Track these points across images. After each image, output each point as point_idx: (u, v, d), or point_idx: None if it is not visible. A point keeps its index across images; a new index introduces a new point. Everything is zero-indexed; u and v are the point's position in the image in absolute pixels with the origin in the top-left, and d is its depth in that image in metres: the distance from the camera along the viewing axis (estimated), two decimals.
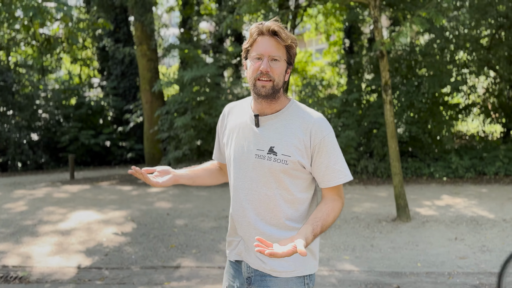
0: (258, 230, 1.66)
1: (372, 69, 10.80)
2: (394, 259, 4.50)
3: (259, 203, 1.66)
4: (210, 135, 9.68)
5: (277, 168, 1.61)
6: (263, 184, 1.64)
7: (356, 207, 6.63)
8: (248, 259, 1.72)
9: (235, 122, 1.78)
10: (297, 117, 1.65)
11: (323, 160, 1.61)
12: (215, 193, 8.06)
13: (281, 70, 1.62)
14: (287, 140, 1.62)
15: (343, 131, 8.78)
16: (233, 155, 1.73)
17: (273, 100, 1.65)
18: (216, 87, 9.75)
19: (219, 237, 5.32)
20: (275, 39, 1.61)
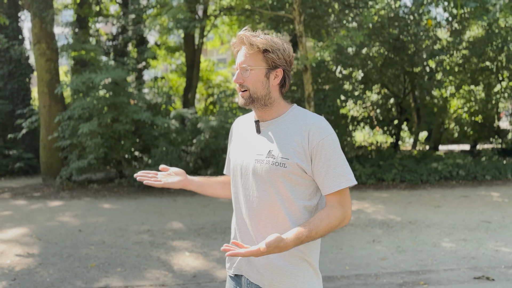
0: (260, 241, 1.58)
1: None
2: (323, 263, 4.65)
3: (259, 210, 1.59)
4: (119, 144, 9.11)
5: (276, 171, 1.56)
6: (263, 190, 1.58)
7: None
8: (249, 273, 1.63)
9: (240, 133, 1.75)
10: (297, 121, 1.62)
11: (323, 164, 1.56)
12: (129, 206, 7.58)
13: (255, 77, 1.59)
14: (285, 143, 1.58)
15: None
16: (235, 163, 1.69)
17: (264, 107, 1.63)
18: (126, 93, 9.24)
19: (144, 253, 5.00)
20: (245, 47, 1.61)
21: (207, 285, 4.12)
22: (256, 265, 1.60)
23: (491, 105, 13.91)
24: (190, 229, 5.95)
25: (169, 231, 5.90)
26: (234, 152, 1.74)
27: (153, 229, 5.99)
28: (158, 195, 8.43)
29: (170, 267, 4.57)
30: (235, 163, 1.70)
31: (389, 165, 9.87)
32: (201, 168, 9.15)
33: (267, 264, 1.58)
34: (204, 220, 6.46)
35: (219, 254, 4.94)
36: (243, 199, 1.64)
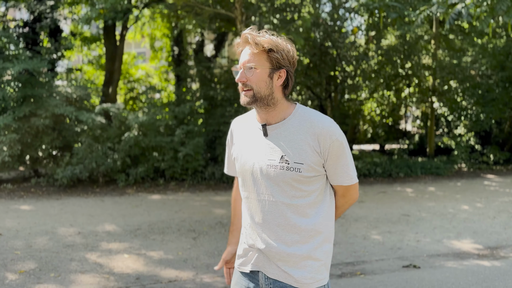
0: (281, 240, 1.63)
1: (200, 80, 11.31)
2: None
3: (279, 212, 1.62)
4: (36, 139, 8.41)
5: (291, 176, 1.59)
6: (277, 193, 1.61)
7: (216, 213, 6.75)
8: (268, 269, 1.65)
9: (243, 135, 1.75)
10: (304, 123, 1.64)
11: (332, 163, 1.63)
12: (51, 207, 7.04)
13: (259, 77, 1.61)
14: (297, 147, 1.61)
15: (192, 138, 8.82)
16: (245, 167, 1.69)
17: (267, 107, 1.64)
18: (44, 84, 8.54)
19: (78, 257, 4.70)
20: (249, 47, 1.63)
21: (152, 287, 4.01)
22: (275, 262, 1.64)
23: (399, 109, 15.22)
24: (125, 230, 5.71)
25: (102, 232, 5.60)
26: (242, 155, 1.72)
27: (84, 231, 5.65)
28: (83, 195, 7.93)
29: (110, 270, 4.36)
30: (245, 167, 1.70)
31: None
32: (130, 167, 8.80)
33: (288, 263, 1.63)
34: (139, 220, 6.23)
35: (160, 255, 4.81)
36: (256, 203, 1.66)
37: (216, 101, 10.55)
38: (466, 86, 12.52)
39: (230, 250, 1.93)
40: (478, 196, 8.30)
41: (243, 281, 1.74)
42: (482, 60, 12.29)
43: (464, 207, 7.31)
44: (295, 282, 1.63)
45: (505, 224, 6.22)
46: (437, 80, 12.71)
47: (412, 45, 12.10)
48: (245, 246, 1.73)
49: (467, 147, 12.78)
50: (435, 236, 5.64)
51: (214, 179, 9.16)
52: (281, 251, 1.62)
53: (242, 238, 1.76)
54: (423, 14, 6.11)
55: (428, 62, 12.83)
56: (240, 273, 1.76)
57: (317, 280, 1.64)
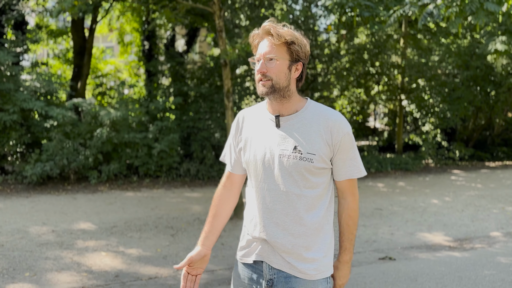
0: (288, 231, 1.65)
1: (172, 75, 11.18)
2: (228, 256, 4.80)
3: (288, 202, 1.65)
4: (3, 135, 8.09)
5: (303, 166, 1.63)
6: (289, 183, 1.64)
7: (193, 209, 6.71)
8: (272, 259, 1.68)
9: (252, 127, 1.75)
10: (317, 116, 1.68)
11: (342, 156, 1.68)
12: (21, 205, 6.80)
13: (279, 68, 1.65)
14: (310, 139, 1.65)
15: (166, 134, 8.72)
16: (256, 157, 1.69)
17: (282, 98, 1.67)
18: (10, 78, 8.22)
19: (53, 255, 4.58)
20: (269, 39, 1.65)
21: (133, 284, 3.96)
22: (280, 253, 1.66)
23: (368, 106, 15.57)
24: (100, 228, 5.60)
25: (77, 230, 5.48)
26: (252, 145, 1.73)
27: (57, 229, 5.50)
28: (54, 193, 7.71)
29: (88, 268, 4.28)
30: (256, 157, 1.70)
31: None
32: (102, 164, 8.61)
33: (292, 255, 1.66)
34: (114, 218, 6.13)
35: (139, 252, 4.76)
36: (267, 193, 1.67)
37: (190, 97, 10.47)
38: (433, 85, 12.94)
39: (201, 252, 1.77)
40: (446, 190, 8.62)
41: (245, 272, 1.75)
42: (448, 59, 12.73)
43: (433, 201, 7.57)
44: (298, 272, 1.66)
45: (472, 217, 6.50)
46: (406, 79, 13.06)
47: (382, 44, 12.38)
48: (248, 237, 1.74)
49: (434, 143, 13.22)
50: (408, 229, 5.82)
51: (190, 175, 9.09)
52: (286, 242, 1.65)
53: (245, 230, 1.77)
54: (396, 13, 6.26)
55: (397, 61, 13.17)
56: (243, 264, 1.77)
57: (320, 272, 1.68)
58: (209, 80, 10.81)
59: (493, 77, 12.81)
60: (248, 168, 1.75)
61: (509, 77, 12.67)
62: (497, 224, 6.09)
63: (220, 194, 1.86)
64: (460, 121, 13.88)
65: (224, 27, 5.53)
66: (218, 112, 9.61)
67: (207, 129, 9.36)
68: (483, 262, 4.53)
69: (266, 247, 1.69)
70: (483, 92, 13.13)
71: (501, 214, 6.63)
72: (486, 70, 12.60)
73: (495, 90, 12.95)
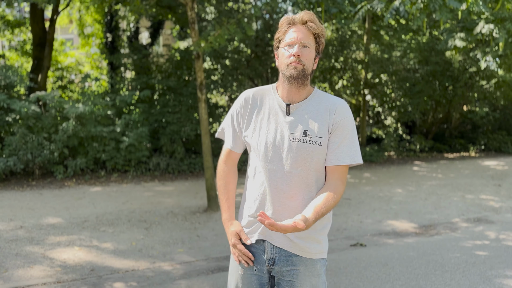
0: (292, 211, 1.71)
1: (136, 68, 11.01)
2: (223, 244, 4.84)
3: (294, 184, 1.71)
4: None
5: (313, 149, 1.70)
6: (297, 165, 1.70)
7: (166, 203, 6.67)
8: (274, 238, 1.74)
9: (262, 109, 1.80)
10: (323, 102, 1.76)
11: (337, 139, 1.72)
12: None
13: (311, 56, 1.73)
14: (318, 123, 1.72)
15: (134, 128, 8.58)
16: (266, 140, 1.74)
17: (301, 85, 1.74)
18: None
19: (24, 251, 4.46)
20: (306, 27, 1.73)
21: (110, 277, 3.93)
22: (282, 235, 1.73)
23: None
24: (71, 223, 5.48)
25: (47, 226, 5.33)
26: (261, 129, 1.77)
27: (26, 225, 5.34)
28: (18, 189, 7.43)
29: (62, 263, 4.20)
30: (266, 140, 1.74)
31: None
32: (68, 158, 8.37)
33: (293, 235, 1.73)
34: (85, 213, 6.00)
35: (113, 246, 4.71)
36: (275, 173, 1.72)
37: (158, 91, 10.34)
38: (395, 80, 13.39)
39: (237, 224, 1.85)
40: (409, 180, 8.98)
41: (248, 246, 1.82)
42: (409, 55, 13.19)
43: (398, 191, 7.89)
44: (299, 250, 1.74)
45: (435, 204, 6.83)
46: (369, 74, 13.44)
47: (347, 40, 12.67)
48: (250, 218, 1.80)
49: (395, 136, 13.70)
50: (376, 217, 6.05)
51: (159, 169, 9.00)
52: None
53: (246, 211, 1.83)
54: (363, 8, 6.45)
55: (361, 56, 13.52)
56: (243, 245, 1.82)
57: (320, 252, 1.77)
58: (177, 73, 10.71)
59: (451, 72, 13.41)
60: (256, 149, 1.78)
61: (465, 72, 13.30)
62: (458, 211, 6.44)
63: (224, 170, 1.91)
64: (420, 114, 14.45)
65: (196, 19, 5.51)
66: (187, 105, 9.55)
67: (176, 123, 9.28)
68: (447, 246, 4.80)
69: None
70: (442, 87, 13.71)
71: (461, 202, 7.00)
72: (444, 65, 13.17)
73: (453, 85, 13.56)
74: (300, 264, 1.75)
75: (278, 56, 1.78)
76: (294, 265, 1.75)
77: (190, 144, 10.01)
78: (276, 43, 1.78)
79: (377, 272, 4.03)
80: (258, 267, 1.79)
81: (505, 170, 10.58)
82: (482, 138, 15.15)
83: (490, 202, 6.99)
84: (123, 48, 12.81)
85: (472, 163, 11.87)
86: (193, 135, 9.48)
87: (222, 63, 10.97)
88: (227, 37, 5.47)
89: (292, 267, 1.75)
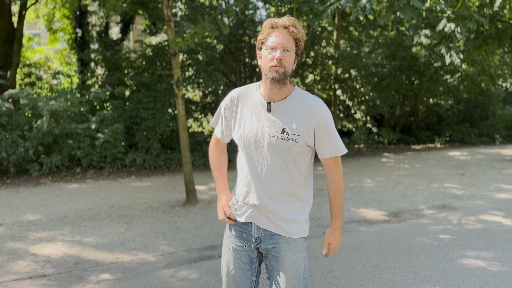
0: (274, 199, 1.94)
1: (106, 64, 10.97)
2: (203, 236, 5.03)
3: (275, 175, 1.93)
4: None
5: (289, 145, 1.91)
6: (277, 159, 1.92)
7: (144, 198, 6.78)
8: (259, 220, 1.97)
9: (246, 107, 1.99)
10: (302, 102, 1.95)
11: (323, 137, 1.95)
12: None
13: (291, 59, 1.91)
14: (296, 122, 1.92)
15: (109, 124, 8.60)
16: (249, 135, 1.95)
17: (282, 85, 1.92)
18: None
19: (6, 248, 4.51)
20: (287, 32, 1.90)
21: (95, 269, 4.06)
22: (266, 214, 1.97)
23: None
24: (51, 219, 5.54)
25: (27, 223, 5.37)
26: (246, 124, 1.97)
27: (6, 222, 5.36)
28: None
29: (46, 257, 4.29)
30: (249, 135, 1.96)
31: None
32: (43, 155, 8.32)
33: (277, 216, 1.96)
34: (64, 209, 6.05)
35: (95, 240, 4.82)
36: (257, 167, 1.95)
37: (131, 87, 10.35)
38: (364, 74, 13.83)
39: (229, 196, 2.13)
40: (378, 171, 9.39)
41: (235, 232, 2.06)
42: (377, 50, 13.65)
43: (367, 181, 8.26)
44: (282, 231, 1.97)
45: (403, 193, 7.22)
46: (339, 69, 13.82)
47: (317, 36, 12.98)
48: (239, 203, 2.03)
49: (365, 129, 14.17)
50: (347, 206, 6.37)
51: (136, 165, 9.06)
52: (272, 207, 1.95)
53: (237, 196, 2.05)
54: (332, 6, 6.73)
55: (331, 52, 13.87)
56: (234, 226, 2.06)
57: (301, 231, 2.00)
58: (150, 70, 10.74)
59: (417, 67, 13.96)
60: (241, 144, 2.00)
61: (431, 67, 13.88)
62: (424, 199, 6.84)
63: (215, 151, 2.21)
64: (388, 108, 14.97)
65: (172, 17, 5.64)
66: (161, 101, 9.62)
67: (151, 119, 9.35)
68: (414, 231, 5.15)
69: (255, 211, 1.98)
70: (408, 81, 14.26)
71: (427, 190, 7.42)
72: (411, 60, 13.70)
73: (419, 79, 14.13)
74: (282, 242, 1.97)
75: (261, 57, 1.95)
76: (278, 243, 1.98)
77: (165, 140, 10.09)
78: (259, 44, 1.95)
79: (349, 256, 4.32)
80: (247, 244, 2.02)
81: (468, 160, 11.18)
82: (447, 130, 15.86)
83: (453, 190, 7.45)
84: (93, 43, 12.69)
85: (437, 153, 12.46)
86: (169, 131, 9.58)
87: (194, 58, 11.05)
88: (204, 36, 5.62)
89: (276, 244, 1.98)
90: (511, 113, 16.67)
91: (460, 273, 3.89)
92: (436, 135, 15.80)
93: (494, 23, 10.56)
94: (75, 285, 3.68)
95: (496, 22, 10.71)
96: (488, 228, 5.24)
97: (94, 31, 13.39)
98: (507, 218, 5.66)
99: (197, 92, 13.35)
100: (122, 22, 13.28)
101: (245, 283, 2.05)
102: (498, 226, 5.30)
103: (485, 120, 16.80)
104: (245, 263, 2.04)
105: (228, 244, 2.07)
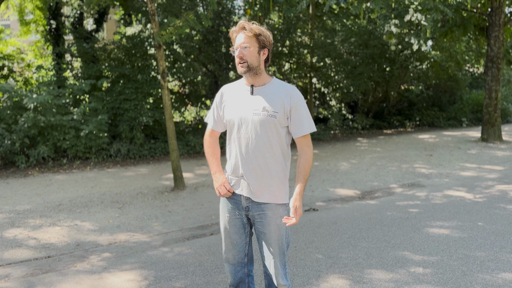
0: (257, 172, 2.33)
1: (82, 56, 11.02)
2: (194, 217, 5.41)
3: (258, 148, 2.31)
4: None
5: (269, 120, 2.29)
6: (259, 134, 2.30)
7: (133, 185, 7.08)
8: (248, 193, 2.37)
9: (233, 95, 2.40)
10: (280, 87, 2.35)
11: (298, 117, 2.33)
12: None
13: (252, 53, 2.28)
14: (275, 102, 2.30)
15: (93, 116, 8.80)
16: (236, 115, 2.34)
17: (255, 74, 2.32)
18: None
19: (7, 234, 4.78)
20: (244, 32, 2.30)
21: (95, 249, 4.38)
22: (251, 185, 2.35)
23: None
24: (47, 207, 5.80)
25: (24, 211, 5.63)
26: (232, 108, 2.37)
27: (3, 211, 5.60)
28: None
29: (47, 241, 4.58)
30: (234, 116, 2.34)
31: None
32: (29, 147, 8.48)
33: (262, 186, 2.35)
34: (58, 197, 6.31)
35: (92, 225, 5.12)
36: (244, 142, 2.33)
37: (110, 78, 10.50)
38: (338, 63, 14.32)
39: (224, 176, 2.46)
40: (352, 154, 9.93)
41: (229, 203, 2.46)
42: (351, 39, 14.14)
43: (343, 164, 8.78)
44: (265, 199, 2.37)
45: (375, 174, 7.76)
46: (314, 58, 14.27)
47: (292, 26, 13.35)
48: (230, 177, 2.44)
49: (340, 116, 14.73)
50: (325, 187, 6.85)
51: (121, 155, 9.31)
52: (257, 179, 2.33)
53: (227, 171, 2.46)
54: None
55: (306, 41, 14.29)
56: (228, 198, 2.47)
57: (282, 198, 2.39)
58: (130, 61, 10.89)
59: (388, 55, 14.54)
60: (229, 124, 2.39)
61: (401, 54, 14.49)
62: (395, 178, 7.39)
63: (209, 141, 2.57)
64: (361, 95, 15.56)
65: (156, 11, 5.91)
66: (143, 92, 9.85)
67: (134, 109, 9.58)
68: (385, 206, 5.66)
69: (243, 184, 2.38)
70: (380, 69, 14.85)
71: (398, 171, 7.99)
72: (382, 48, 14.26)
73: (390, 67, 14.74)
74: (267, 209, 2.37)
75: None
76: (263, 210, 2.37)
77: (148, 129, 10.35)
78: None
79: (328, 229, 4.79)
80: (239, 212, 2.44)
81: (436, 142, 11.87)
82: (417, 114, 16.59)
83: (422, 170, 8.04)
84: (67, 35, 12.67)
85: (408, 137, 13.13)
86: (152, 121, 9.83)
87: (172, 49, 11.28)
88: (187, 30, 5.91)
89: (261, 211, 2.38)
90: (477, 97, 17.54)
91: (426, 240, 4.40)
92: (407, 119, 16.51)
93: (459, 12, 11.19)
94: (80, 263, 4.01)
95: (461, 11, 11.34)
96: (452, 201, 5.81)
97: (67, 22, 13.34)
98: (468, 193, 6.25)
99: (176, 82, 13.57)
100: (97, 13, 13.27)
101: (240, 243, 2.49)
102: (460, 200, 5.88)
103: (453, 104, 17.62)
104: (239, 228, 2.46)
105: (224, 214, 2.49)
